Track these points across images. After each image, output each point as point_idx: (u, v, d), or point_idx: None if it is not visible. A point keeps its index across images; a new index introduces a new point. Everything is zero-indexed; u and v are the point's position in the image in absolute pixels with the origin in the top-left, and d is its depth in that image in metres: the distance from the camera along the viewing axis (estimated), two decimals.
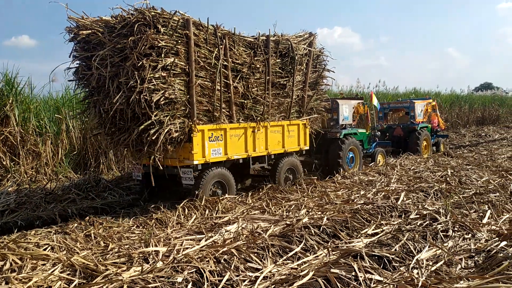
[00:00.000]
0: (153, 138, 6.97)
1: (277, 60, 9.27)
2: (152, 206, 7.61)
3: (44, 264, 4.64)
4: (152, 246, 5.24)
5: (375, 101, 13.95)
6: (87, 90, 7.88)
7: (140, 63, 6.74)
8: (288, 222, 6.33)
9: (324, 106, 10.98)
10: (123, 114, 7.17)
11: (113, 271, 4.33)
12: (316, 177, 10.22)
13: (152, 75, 6.85)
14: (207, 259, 4.61)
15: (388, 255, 4.79)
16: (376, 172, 11.01)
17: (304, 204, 7.64)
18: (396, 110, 16.56)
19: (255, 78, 8.79)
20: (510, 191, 8.18)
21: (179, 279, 4.13)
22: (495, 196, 7.66)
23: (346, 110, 12.03)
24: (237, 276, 4.36)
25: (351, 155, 11.77)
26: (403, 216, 6.73)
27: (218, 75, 7.91)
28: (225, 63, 8.07)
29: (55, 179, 10.41)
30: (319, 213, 6.97)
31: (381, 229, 5.97)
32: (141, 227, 6.65)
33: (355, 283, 4.03)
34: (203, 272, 4.29)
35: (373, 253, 4.75)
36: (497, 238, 5.50)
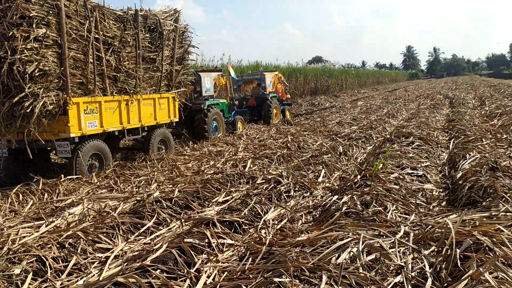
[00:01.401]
0: (27, 111, 6.73)
1: (146, 35, 9.39)
2: None
3: None
4: None
5: (232, 72, 14.83)
6: None
7: (11, 33, 6.49)
8: (138, 198, 6.16)
9: (190, 80, 11.42)
10: None
11: None
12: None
13: (24, 46, 6.61)
14: (49, 246, 4.22)
15: (238, 219, 5.02)
16: (224, 143, 11.37)
17: (155, 179, 7.51)
18: (249, 82, 17.63)
19: (126, 52, 8.87)
20: (339, 152, 9.26)
21: (17, 271, 3.70)
22: (327, 157, 8.59)
23: (207, 82, 12.79)
24: (85, 259, 4.10)
25: (215, 124, 12.64)
26: (250, 182, 7.09)
27: (90, 47, 7.83)
28: (97, 36, 8.02)
29: None
30: (170, 186, 6.94)
31: (231, 196, 6.22)
32: None
33: (208, 249, 4.14)
34: (45, 259, 3.92)
35: (224, 219, 4.93)
36: (330, 194, 6.23)
